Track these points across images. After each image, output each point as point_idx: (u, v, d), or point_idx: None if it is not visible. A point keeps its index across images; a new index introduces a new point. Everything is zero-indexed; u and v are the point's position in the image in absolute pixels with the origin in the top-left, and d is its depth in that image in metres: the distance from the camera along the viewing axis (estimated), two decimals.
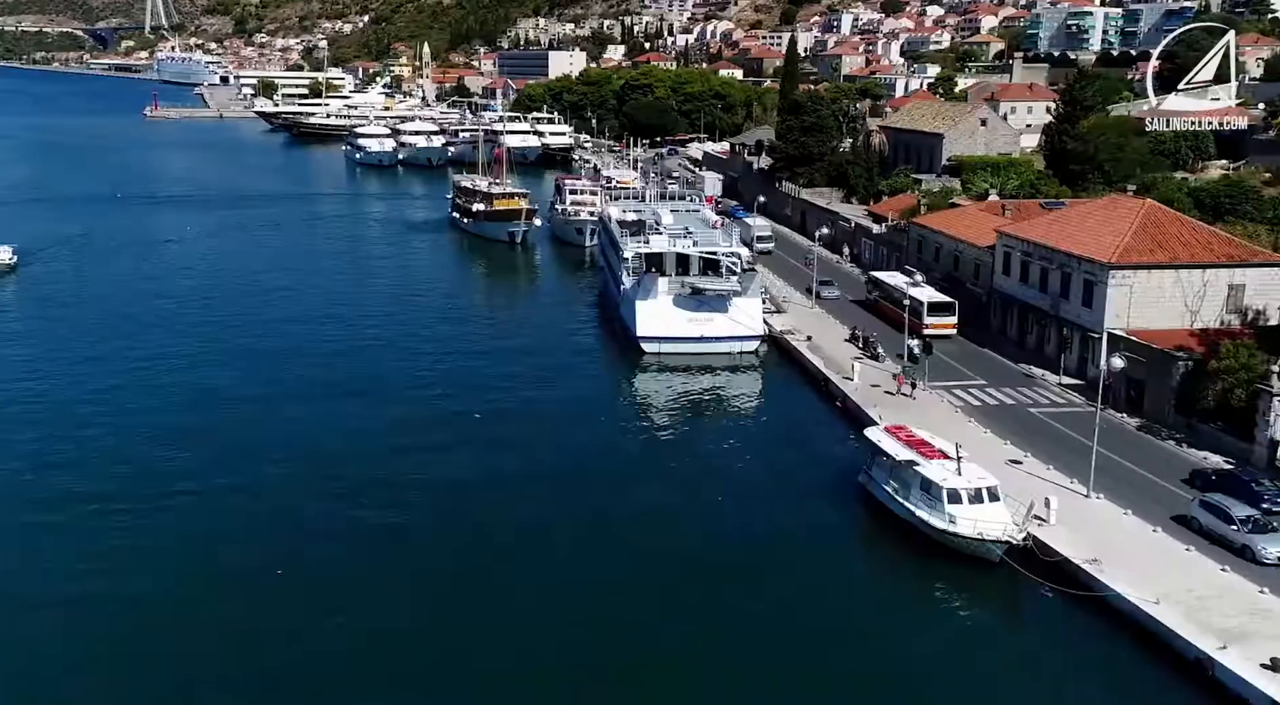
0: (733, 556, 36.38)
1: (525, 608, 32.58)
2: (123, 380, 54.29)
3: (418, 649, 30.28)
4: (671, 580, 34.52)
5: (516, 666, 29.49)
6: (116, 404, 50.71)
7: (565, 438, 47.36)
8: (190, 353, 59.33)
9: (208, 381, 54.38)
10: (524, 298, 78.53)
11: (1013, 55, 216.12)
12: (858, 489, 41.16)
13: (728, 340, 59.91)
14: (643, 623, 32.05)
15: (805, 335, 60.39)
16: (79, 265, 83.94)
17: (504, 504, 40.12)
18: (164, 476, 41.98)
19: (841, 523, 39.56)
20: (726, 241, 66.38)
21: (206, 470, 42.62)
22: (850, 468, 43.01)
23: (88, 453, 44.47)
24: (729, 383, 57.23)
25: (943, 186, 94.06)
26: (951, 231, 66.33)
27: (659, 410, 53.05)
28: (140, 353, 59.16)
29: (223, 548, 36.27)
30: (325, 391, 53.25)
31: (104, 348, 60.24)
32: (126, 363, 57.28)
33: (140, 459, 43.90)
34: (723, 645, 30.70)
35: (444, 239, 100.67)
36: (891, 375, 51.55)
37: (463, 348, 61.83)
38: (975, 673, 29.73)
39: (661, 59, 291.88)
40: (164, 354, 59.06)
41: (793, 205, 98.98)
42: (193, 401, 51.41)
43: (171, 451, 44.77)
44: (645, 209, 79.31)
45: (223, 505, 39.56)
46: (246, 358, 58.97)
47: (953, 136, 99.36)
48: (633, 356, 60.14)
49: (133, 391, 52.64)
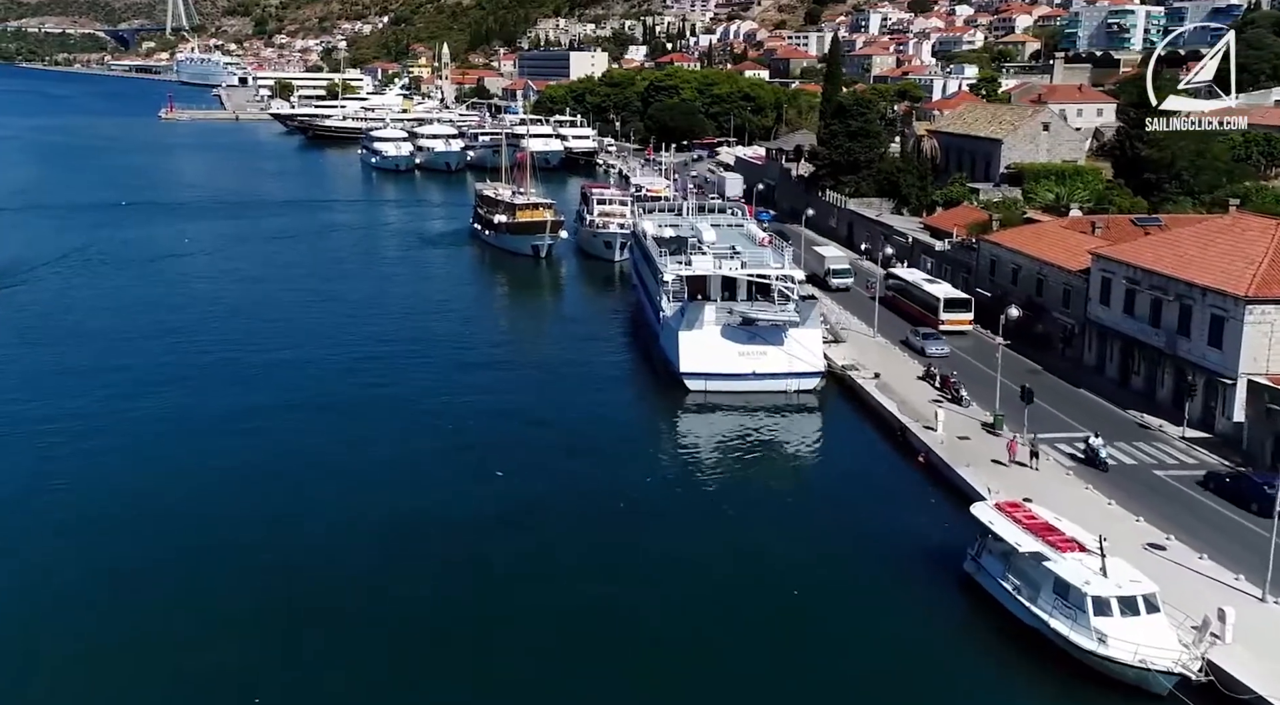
0: (810, 665, 29.25)
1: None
2: (90, 442, 47.23)
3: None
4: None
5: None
6: (72, 470, 44.05)
7: (597, 500, 40.07)
8: (170, 406, 50.95)
9: (179, 453, 47.01)
10: (548, 321, 71.23)
11: (1052, 55, 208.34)
12: (961, 578, 33.84)
13: (783, 377, 52.61)
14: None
15: (872, 372, 53.00)
16: (66, 285, 76.53)
17: (522, 593, 33.15)
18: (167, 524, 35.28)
19: (945, 626, 32.09)
20: (778, 262, 59.11)
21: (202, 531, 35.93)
22: (943, 544, 35.75)
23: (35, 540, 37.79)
24: (786, 427, 49.99)
25: (1003, 197, 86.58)
26: (1032, 251, 58.82)
27: (705, 459, 45.89)
28: (116, 398, 51.48)
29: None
30: (319, 441, 46.41)
31: (70, 395, 51.96)
32: (97, 412, 49.87)
33: (136, 523, 37.21)
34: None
35: (464, 253, 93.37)
36: (1005, 443, 42.06)
37: (480, 382, 54.72)
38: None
39: (685, 60, 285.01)
40: (143, 397, 52.21)
41: (838, 216, 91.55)
42: (174, 464, 44.66)
43: (169, 517, 38.05)
44: (683, 223, 72.16)
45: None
46: (229, 417, 50.74)
47: (1012, 142, 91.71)
48: (674, 394, 52.97)
49: (105, 451, 45.87)
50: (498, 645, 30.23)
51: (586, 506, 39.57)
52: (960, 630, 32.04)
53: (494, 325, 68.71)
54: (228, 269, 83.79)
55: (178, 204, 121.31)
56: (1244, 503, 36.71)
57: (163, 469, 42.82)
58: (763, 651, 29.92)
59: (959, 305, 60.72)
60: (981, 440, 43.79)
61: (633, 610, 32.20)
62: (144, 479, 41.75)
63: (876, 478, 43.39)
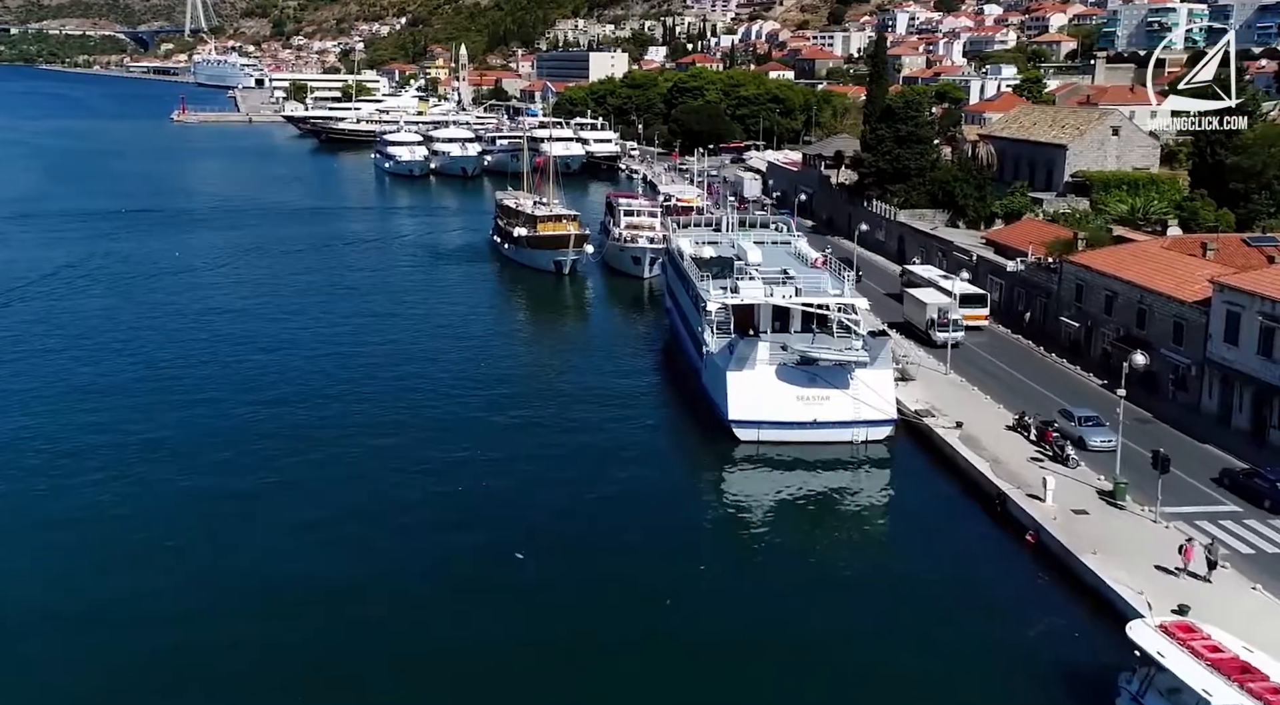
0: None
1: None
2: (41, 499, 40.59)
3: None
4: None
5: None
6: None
7: (637, 598, 32.65)
8: (150, 463, 44.93)
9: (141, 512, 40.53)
10: (572, 350, 63.53)
11: (1092, 55, 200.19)
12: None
13: (849, 426, 45.16)
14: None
15: (952, 420, 45.40)
16: (46, 310, 69.00)
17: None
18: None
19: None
20: (837, 288, 51.66)
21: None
22: (1077, 666, 28.41)
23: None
24: (853, 486, 42.57)
25: (1071, 209, 78.83)
26: (1132, 277, 51.06)
27: (763, 532, 38.60)
28: (74, 452, 45.33)
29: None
30: (287, 520, 39.27)
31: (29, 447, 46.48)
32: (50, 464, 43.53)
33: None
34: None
35: (481, 269, 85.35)
36: (1178, 546, 32.28)
37: (495, 429, 47.38)
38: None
39: (707, 60, 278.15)
40: (107, 448, 45.39)
41: (887, 229, 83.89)
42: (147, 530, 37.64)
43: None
44: (723, 240, 64.75)
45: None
46: (206, 474, 44.95)
47: (1078, 148, 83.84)
48: (721, 445, 45.59)
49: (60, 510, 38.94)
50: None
51: (625, 607, 32.18)
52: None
53: (512, 356, 61.11)
54: (223, 289, 76.63)
55: (179, 212, 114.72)
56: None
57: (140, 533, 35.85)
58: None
59: (975, 301, 60.83)
60: (1103, 515, 36.15)
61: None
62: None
63: (974, 562, 35.79)
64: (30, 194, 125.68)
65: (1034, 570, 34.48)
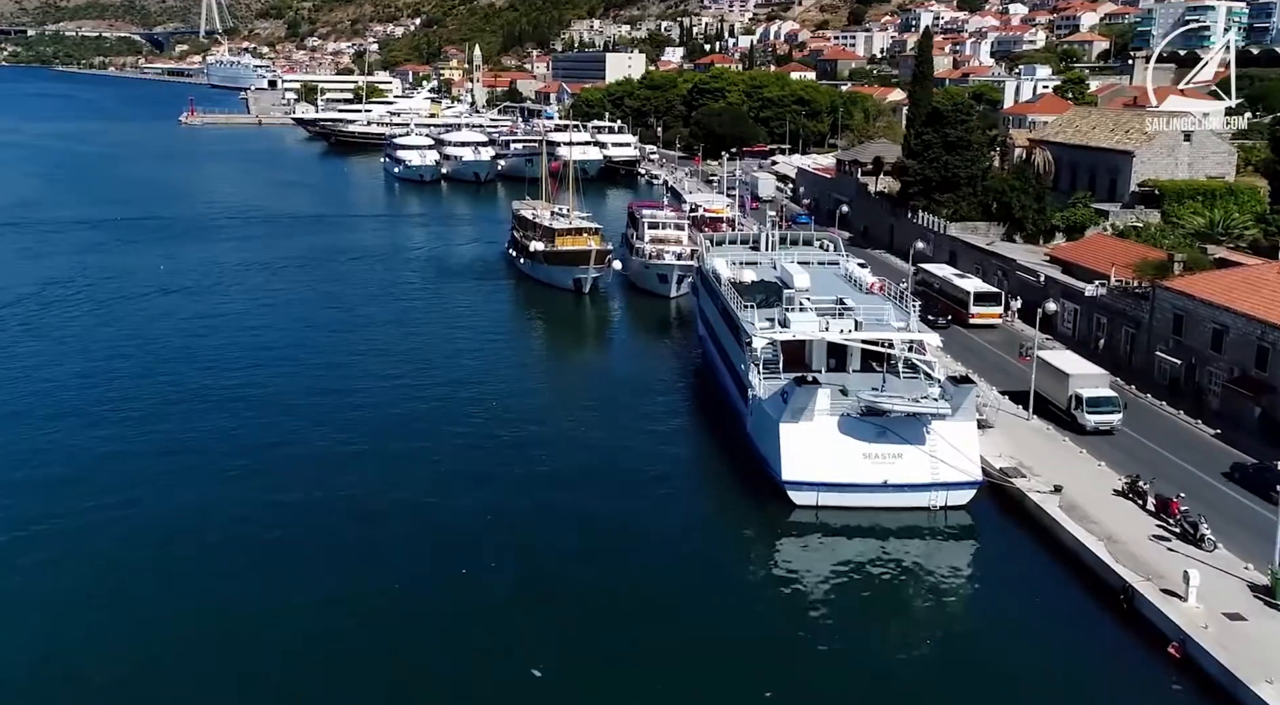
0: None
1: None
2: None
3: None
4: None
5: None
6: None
7: (673, 673, 26.06)
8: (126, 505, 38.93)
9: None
10: (593, 382, 56.24)
11: (1128, 55, 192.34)
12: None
13: (925, 489, 38.20)
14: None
15: (1047, 481, 38.30)
16: (18, 336, 62.40)
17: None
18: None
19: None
20: (901, 319, 44.70)
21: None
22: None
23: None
24: (931, 563, 35.55)
25: (1143, 222, 71.63)
26: (1249, 309, 43.86)
27: (819, 611, 31.77)
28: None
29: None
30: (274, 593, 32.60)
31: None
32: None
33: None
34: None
35: (496, 288, 77.87)
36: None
37: (505, 486, 40.56)
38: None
39: (726, 61, 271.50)
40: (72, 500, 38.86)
41: (937, 243, 76.70)
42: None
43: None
44: (763, 259, 57.87)
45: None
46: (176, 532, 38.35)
47: (1146, 155, 76.56)
48: (772, 509, 38.66)
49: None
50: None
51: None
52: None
53: (525, 391, 53.90)
54: (216, 308, 70.04)
55: (174, 221, 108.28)
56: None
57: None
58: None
59: (988, 299, 61.43)
60: (1265, 622, 29.02)
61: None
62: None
63: (1097, 678, 28.67)
64: (21, 200, 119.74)
65: (1185, 693, 27.42)
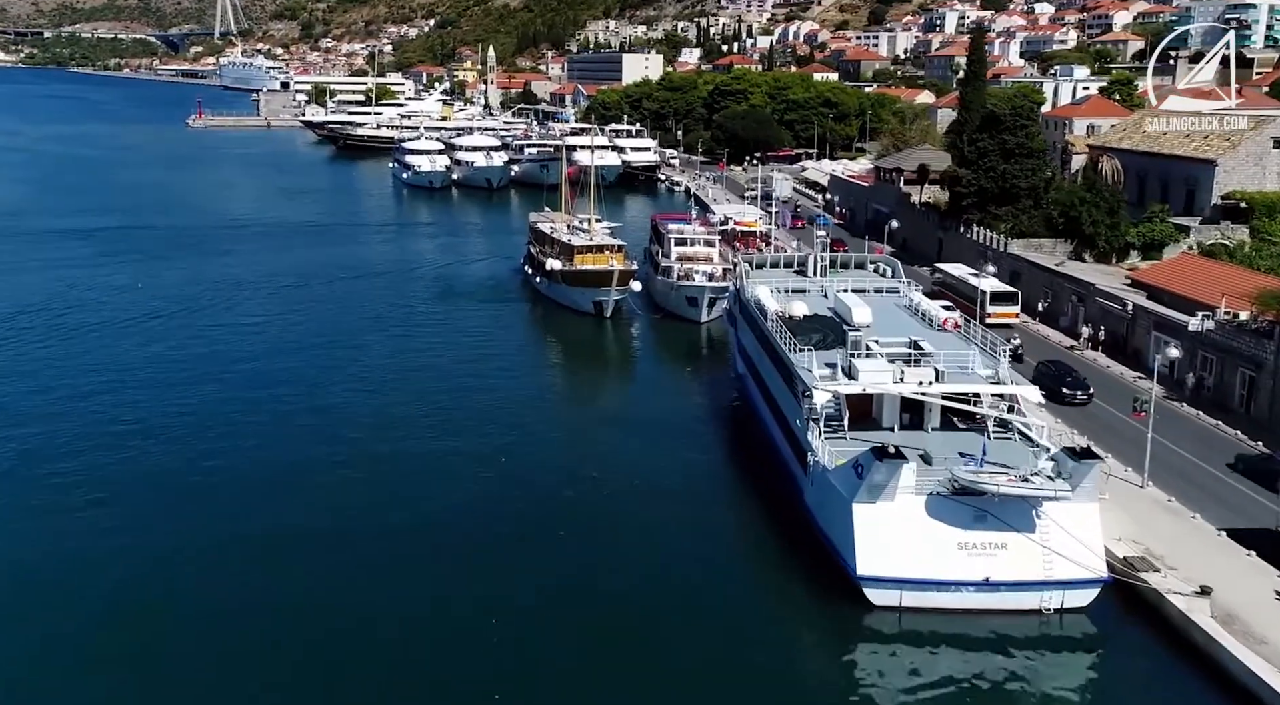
0: None
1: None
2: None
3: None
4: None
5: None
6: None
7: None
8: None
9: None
10: (616, 429, 47.43)
11: (1168, 55, 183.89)
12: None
13: (1037, 588, 30.84)
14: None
15: (1188, 577, 30.84)
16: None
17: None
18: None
19: None
20: (989, 367, 37.31)
21: None
22: None
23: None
24: (1046, 681, 28.24)
25: (1230, 238, 64.11)
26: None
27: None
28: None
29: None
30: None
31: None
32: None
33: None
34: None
35: (510, 311, 70.40)
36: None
37: (512, 558, 33.47)
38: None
39: (745, 62, 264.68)
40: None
41: (996, 262, 69.14)
42: None
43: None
44: (812, 287, 50.49)
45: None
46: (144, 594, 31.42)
47: (1229, 164, 69.02)
48: (843, 608, 31.36)
49: None
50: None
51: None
52: None
53: (540, 440, 46.15)
54: (192, 338, 62.91)
55: (167, 230, 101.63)
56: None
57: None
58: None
59: (1005, 298, 61.09)
60: None
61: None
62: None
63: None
64: (11, 209, 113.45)
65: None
